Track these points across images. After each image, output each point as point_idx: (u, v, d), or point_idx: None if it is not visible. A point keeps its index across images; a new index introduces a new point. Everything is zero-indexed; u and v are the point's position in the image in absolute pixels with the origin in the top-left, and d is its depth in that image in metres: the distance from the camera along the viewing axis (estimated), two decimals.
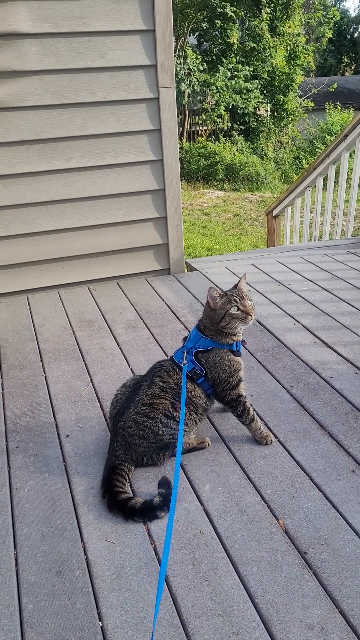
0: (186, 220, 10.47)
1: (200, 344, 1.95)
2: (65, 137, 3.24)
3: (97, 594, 1.47)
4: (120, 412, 1.91)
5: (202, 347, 1.95)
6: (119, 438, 1.87)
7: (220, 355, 1.94)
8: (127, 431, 1.86)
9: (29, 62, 3.03)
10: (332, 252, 4.03)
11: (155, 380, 1.93)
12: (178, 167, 3.53)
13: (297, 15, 15.88)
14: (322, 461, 1.91)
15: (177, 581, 1.49)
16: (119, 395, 1.99)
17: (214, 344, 1.94)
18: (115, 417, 1.93)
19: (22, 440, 2.09)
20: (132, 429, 1.85)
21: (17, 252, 3.37)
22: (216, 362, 1.94)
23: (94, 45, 3.12)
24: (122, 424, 1.87)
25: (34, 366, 2.62)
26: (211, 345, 1.94)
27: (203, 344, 1.95)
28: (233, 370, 1.96)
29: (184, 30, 14.26)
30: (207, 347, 1.94)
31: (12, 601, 1.46)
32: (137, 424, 1.85)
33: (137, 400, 1.89)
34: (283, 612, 1.40)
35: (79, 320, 3.09)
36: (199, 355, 1.95)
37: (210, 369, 1.95)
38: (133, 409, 1.88)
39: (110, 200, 3.46)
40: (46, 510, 1.75)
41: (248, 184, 13.61)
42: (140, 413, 1.86)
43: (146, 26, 3.16)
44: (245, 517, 1.69)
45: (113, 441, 1.90)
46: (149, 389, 1.91)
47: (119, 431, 1.87)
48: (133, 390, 1.95)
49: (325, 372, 2.45)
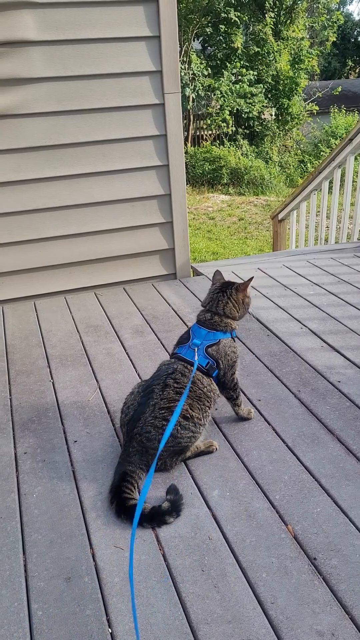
0: (191, 225, 10.49)
1: (209, 337, 2.00)
2: (72, 144, 3.26)
3: (106, 600, 1.47)
4: (134, 418, 1.89)
5: (211, 341, 2.00)
6: (135, 444, 1.85)
7: (229, 344, 2.04)
8: (145, 436, 1.84)
9: (35, 69, 3.05)
10: (338, 256, 4.02)
11: (168, 382, 1.91)
12: (184, 172, 3.54)
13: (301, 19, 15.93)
14: (331, 466, 1.90)
15: (187, 587, 1.49)
16: (129, 402, 1.98)
17: (223, 334, 2.02)
18: (129, 424, 1.90)
19: (30, 446, 2.09)
20: (150, 433, 1.83)
21: (24, 258, 3.38)
22: (227, 352, 2.02)
23: (99, 52, 3.13)
24: (138, 430, 1.85)
25: (41, 372, 2.63)
26: (220, 337, 2.01)
27: (213, 337, 2.00)
28: (237, 355, 2.09)
29: (188, 35, 14.32)
30: (215, 339, 2.00)
31: (21, 607, 1.46)
32: (156, 429, 1.83)
33: (153, 404, 1.87)
34: (293, 618, 1.39)
35: (85, 326, 3.10)
36: (209, 350, 1.99)
37: (221, 359, 2.00)
38: (150, 414, 1.86)
39: (116, 206, 3.47)
40: (55, 516, 1.75)
41: (253, 187, 13.63)
42: (159, 417, 1.84)
43: (151, 33, 3.17)
44: (254, 523, 1.68)
45: (127, 447, 1.87)
46: (164, 392, 1.89)
47: (135, 437, 1.85)
48: (145, 394, 1.93)
49: (333, 377, 2.44)
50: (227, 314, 2.04)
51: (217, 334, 2.01)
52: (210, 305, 2.06)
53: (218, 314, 2.04)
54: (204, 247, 9.17)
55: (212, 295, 2.08)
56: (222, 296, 2.05)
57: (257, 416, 2.20)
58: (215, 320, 2.03)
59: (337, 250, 4.21)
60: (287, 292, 3.40)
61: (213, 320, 2.03)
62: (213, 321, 2.03)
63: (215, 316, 2.03)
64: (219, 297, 2.05)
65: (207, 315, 2.05)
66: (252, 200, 12.58)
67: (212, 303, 2.06)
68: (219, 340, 2.00)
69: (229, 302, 2.04)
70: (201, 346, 1.98)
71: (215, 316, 2.03)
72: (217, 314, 2.04)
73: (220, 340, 2.00)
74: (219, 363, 2.00)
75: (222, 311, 2.04)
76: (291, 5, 15.77)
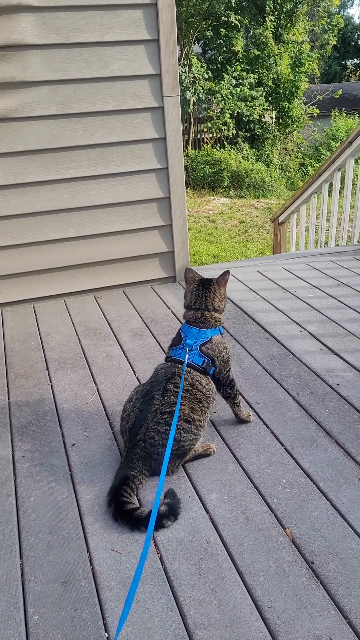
0: (192, 228, 10.50)
1: (201, 336, 2.01)
2: (71, 147, 3.26)
3: (103, 604, 1.46)
4: (137, 425, 1.89)
5: (204, 339, 2.01)
6: (138, 450, 1.85)
7: (220, 340, 2.06)
8: (149, 442, 1.84)
9: (34, 72, 3.06)
10: (338, 259, 4.02)
11: (169, 387, 1.91)
12: (183, 175, 3.54)
13: (301, 22, 15.97)
14: (329, 469, 1.89)
15: (184, 591, 1.48)
16: (128, 409, 1.97)
17: (213, 331, 2.04)
18: (131, 431, 1.90)
19: (28, 450, 2.09)
20: (154, 439, 1.84)
21: (23, 261, 3.38)
22: (220, 349, 2.04)
23: (98, 56, 3.14)
24: (141, 436, 1.85)
25: (40, 375, 2.63)
26: (211, 334, 2.03)
27: (204, 335, 2.02)
28: (229, 351, 2.10)
29: (188, 39, 14.35)
30: (207, 337, 2.02)
31: (18, 612, 1.45)
32: (159, 434, 1.84)
33: (154, 410, 1.88)
34: (291, 622, 1.39)
35: (84, 329, 3.10)
36: (203, 348, 2.00)
37: (217, 356, 2.02)
38: (152, 420, 1.86)
39: (116, 209, 3.48)
40: (52, 520, 1.74)
41: (253, 190, 13.64)
42: (162, 422, 1.85)
43: (150, 36, 3.18)
44: (252, 526, 1.68)
45: (130, 453, 1.87)
46: (164, 397, 1.90)
47: (139, 443, 1.85)
48: (145, 400, 1.93)
49: (332, 380, 2.44)
50: (215, 308, 2.06)
51: (207, 331, 2.02)
52: (197, 304, 2.07)
53: (208, 310, 2.05)
54: (204, 250, 9.17)
55: (196, 293, 2.08)
56: (207, 292, 2.07)
57: (256, 419, 2.20)
58: (205, 316, 2.04)
59: (337, 253, 4.21)
60: (286, 295, 3.40)
61: (204, 317, 2.04)
62: (204, 318, 2.04)
63: (206, 312, 2.05)
64: (204, 293, 2.07)
65: (197, 313, 2.05)
66: (252, 203, 12.59)
67: (198, 300, 2.07)
68: (210, 337, 2.02)
69: (215, 297, 2.07)
70: (195, 345, 1.99)
71: (206, 312, 2.05)
72: (207, 310, 2.05)
73: (212, 338, 2.02)
74: (214, 360, 2.01)
75: (210, 306, 2.05)
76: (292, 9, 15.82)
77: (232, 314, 3.14)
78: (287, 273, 3.79)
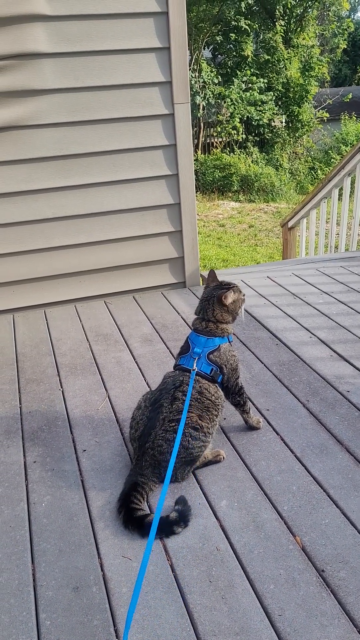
0: (201, 232, 10.51)
1: (209, 344, 2.01)
2: (82, 154, 3.29)
3: (114, 610, 1.47)
4: (146, 433, 1.90)
5: (211, 347, 2.01)
6: (148, 457, 1.86)
7: (228, 349, 2.06)
8: (158, 450, 1.85)
9: (46, 80, 3.09)
10: (348, 264, 4.01)
11: (177, 396, 1.92)
12: (193, 181, 3.56)
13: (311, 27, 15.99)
14: (340, 477, 1.89)
15: (194, 599, 1.49)
16: (137, 417, 1.98)
17: (221, 340, 2.04)
18: (140, 439, 1.91)
19: (39, 455, 2.11)
20: (163, 447, 1.85)
21: (34, 266, 3.41)
22: (228, 357, 2.04)
23: (110, 64, 3.17)
24: (150, 444, 1.87)
25: (51, 380, 2.65)
26: (219, 342, 2.03)
27: (212, 343, 2.02)
28: (237, 359, 2.10)
29: (198, 44, 14.41)
30: (215, 345, 2.02)
31: (29, 617, 1.47)
32: (167, 442, 1.85)
33: (163, 418, 1.89)
34: (301, 631, 1.39)
35: (95, 334, 3.12)
36: (211, 356, 2.00)
37: (224, 365, 2.02)
38: (160, 428, 1.87)
39: (126, 215, 3.50)
40: (63, 526, 1.76)
41: (263, 195, 13.64)
42: (170, 430, 1.86)
43: (161, 44, 3.20)
44: (262, 534, 1.68)
45: (140, 461, 1.88)
46: (172, 405, 1.91)
47: (148, 451, 1.87)
48: (154, 408, 1.94)
49: (342, 386, 2.44)
50: (219, 320, 2.05)
51: (215, 339, 2.03)
52: (203, 314, 2.07)
53: (212, 321, 2.05)
54: (214, 254, 9.18)
55: (202, 304, 2.09)
56: (209, 305, 2.06)
57: (266, 426, 2.20)
58: (210, 327, 2.04)
59: (347, 258, 4.20)
60: (296, 301, 3.40)
61: (209, 327, 2.04)
62: (209, 329, 2.04)
63: (210, 323, 2.05)
64: (207, 305, 2.06)
65: (202, 323, 2.06)
66: (262, 208, 12.59)
67: (203, 311, 2.07)
68: (218, 346, 2.02)
69: (217, 310, 2.05)
70: (202, 354, 2.00)
71: (210, 323, 2.05)
72: (211, 321, 2.05)
73: (220, 346, 2.02)
74: (222, 368, 2.01)
75: (214, 318, 2.05)
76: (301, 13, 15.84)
77: (241, 320, 3.15)
78: (297, 279, 3.79)
